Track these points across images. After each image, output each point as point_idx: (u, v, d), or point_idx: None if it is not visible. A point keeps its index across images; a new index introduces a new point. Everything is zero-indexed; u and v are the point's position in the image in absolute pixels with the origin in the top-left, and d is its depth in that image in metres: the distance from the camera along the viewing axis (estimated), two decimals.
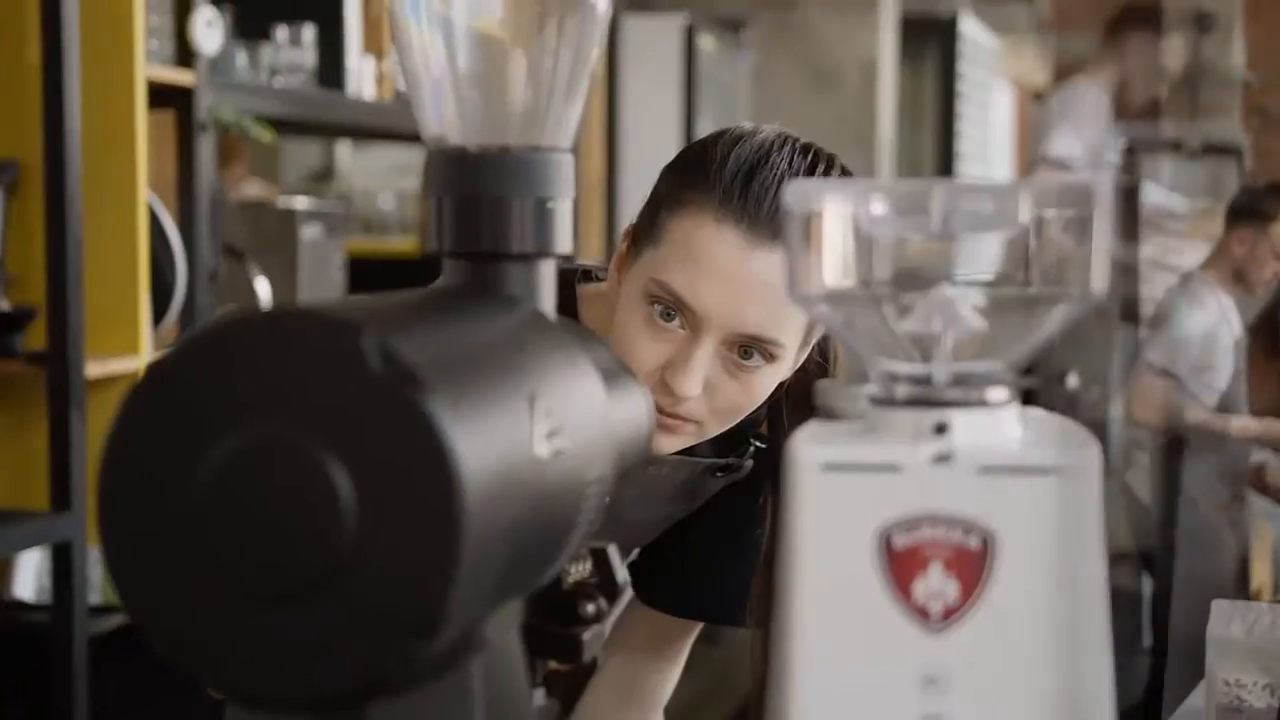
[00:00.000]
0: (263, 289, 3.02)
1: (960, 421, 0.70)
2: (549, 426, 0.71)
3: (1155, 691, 3.90)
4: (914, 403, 0.71)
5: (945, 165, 7.65)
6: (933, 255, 0.74)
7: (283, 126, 3.24)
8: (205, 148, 2.77)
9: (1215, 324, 4.21)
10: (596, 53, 0.86)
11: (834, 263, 0.72)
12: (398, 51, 0.85)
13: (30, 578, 2.75)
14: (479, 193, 0.82)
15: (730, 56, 5.73)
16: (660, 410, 1.30)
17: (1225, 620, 1.93)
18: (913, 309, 0.72)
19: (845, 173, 1.35)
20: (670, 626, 1.58)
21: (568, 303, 1.44)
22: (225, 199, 3.31)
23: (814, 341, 1.38)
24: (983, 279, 0.72)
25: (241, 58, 3.07)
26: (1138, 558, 4.47)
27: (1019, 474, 0.68)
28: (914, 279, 0.72)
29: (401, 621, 0.62)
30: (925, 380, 0.71)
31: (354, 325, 0.63)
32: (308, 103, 3.14)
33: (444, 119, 0.84)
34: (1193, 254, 4.56)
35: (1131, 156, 4.61)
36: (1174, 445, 4.44)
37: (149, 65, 2.64)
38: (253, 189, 4.20)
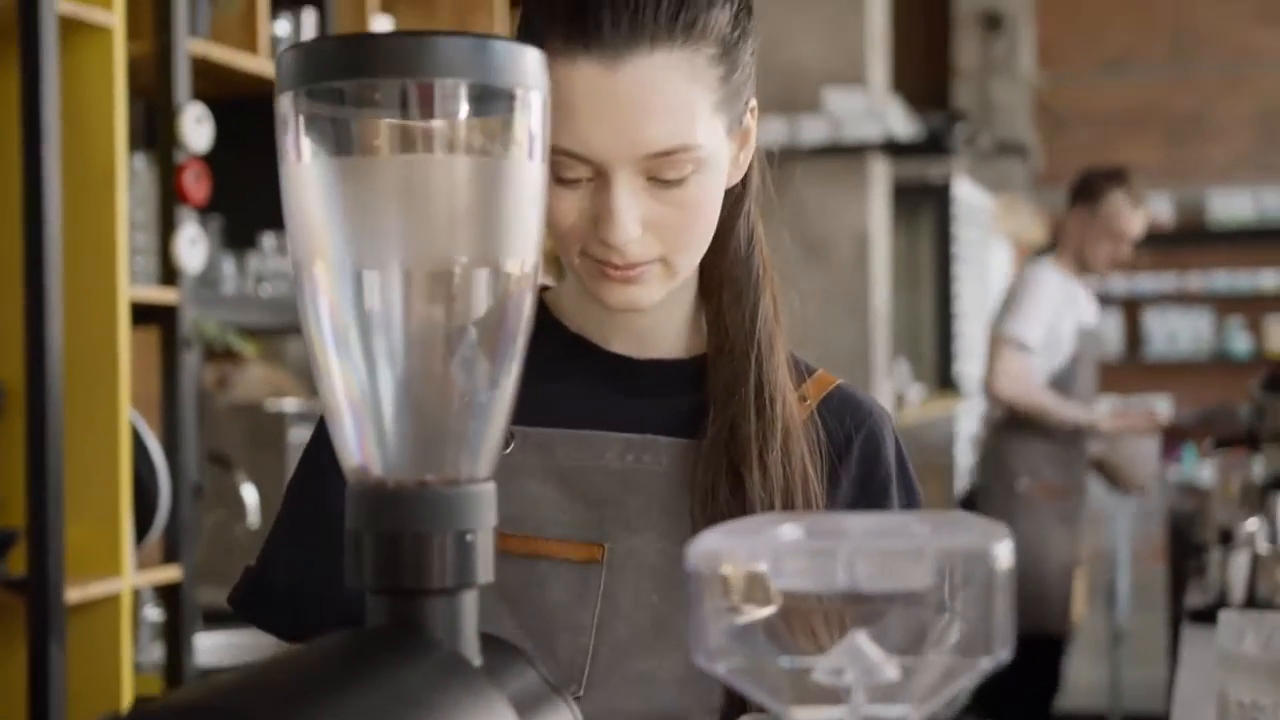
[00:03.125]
0: (250, 496, 3.02)
1: None
2: None
3: None
4: None
5: (944, 326, 7.68)
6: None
7: (272, 331, 3.26)
8: (189, 363, 2.78)
9: (1059, 304, 4.43)
10: (514, 378, 0.87)
11: (741, 614, 0.72)
12: (315, 380, 0.85)
13: None
14: (399, 529, 0.82)
15: None
16: (613, 266, 1.20)
17: (1236, 634, 1.73)
18: (823, 658, 0.71)
19: None
20: None
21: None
22: (216, 403, 3.32)
23: (747, 115, 1.28)
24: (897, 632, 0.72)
25: (229, 265, 3.10)
26: None
27: None
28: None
29: None
30: None
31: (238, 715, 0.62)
32: (293, 309, 3.16)
33: (364, 451, 0.84)
34: None
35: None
36: (1008, 424, 4.48)
37: (133, 285, 2.66)
38: (257, 373, 4.21)
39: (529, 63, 0.81)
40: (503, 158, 0.82)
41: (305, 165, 0.81)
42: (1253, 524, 3.09)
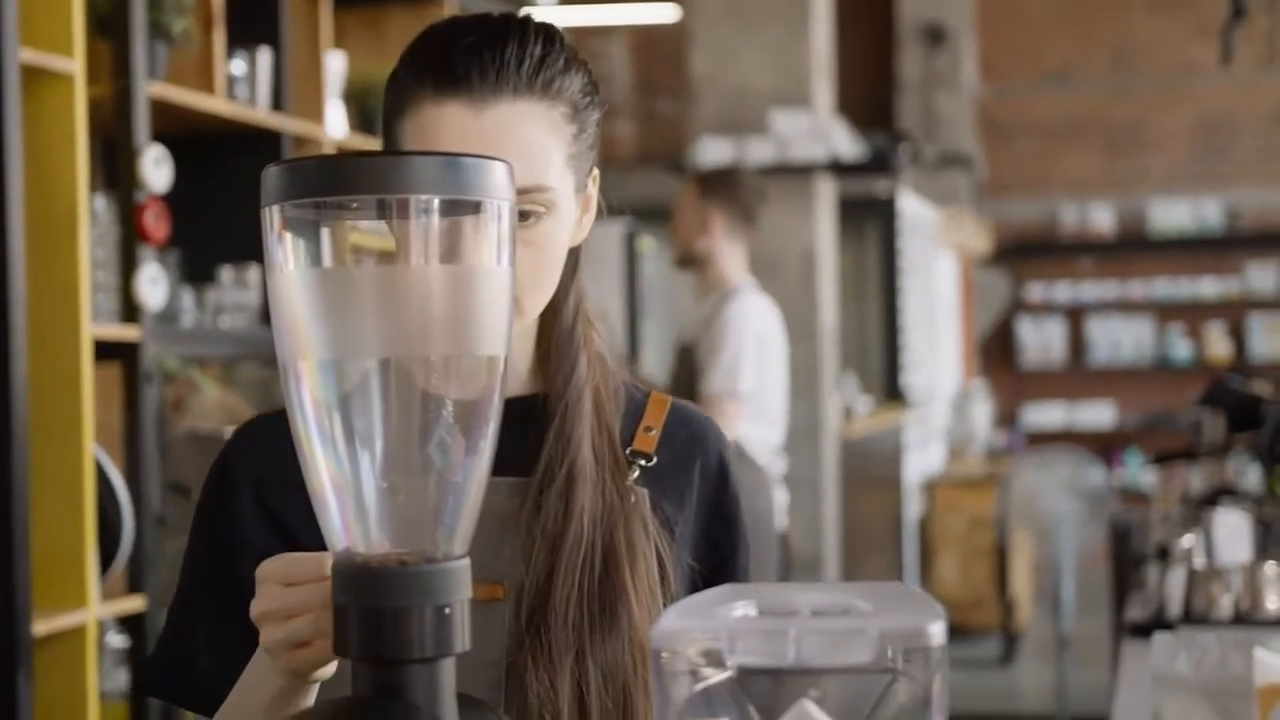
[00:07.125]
0: None
1: None
2: None
3: None
4: None
5: (890, 338, 7.78)
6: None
7: (230, 361, 3.32)
8: (150, 398, 2.83)
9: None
10: (487, 458, 0.93)
11: (699, 682, 0.79)
12: (303, 472, 0.92)
13: None
14: (381, 604, 0.89)
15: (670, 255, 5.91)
16: None
17: (1170, 654, 1.78)
18: None
19: (554, 40, 1.30)
20: None
21: None
22: (173, 432, 3.36)
23: (590, 182, 1.34)
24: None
25: (189, 299, 3.15)
26: None
27: None
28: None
29: None
30: None
31: None
32: (252, 341, 3.22)
33: (349, 533, 0.91)
34: None
35: None
36: None
37: (96, 323, 2.71)
38: (213, 397, 4.22)
39: (496, 176, 0.88)
40: (472, 262, 0.89)
41: (289, 272, 0.88)
42: (1189, 540, 3.17)
